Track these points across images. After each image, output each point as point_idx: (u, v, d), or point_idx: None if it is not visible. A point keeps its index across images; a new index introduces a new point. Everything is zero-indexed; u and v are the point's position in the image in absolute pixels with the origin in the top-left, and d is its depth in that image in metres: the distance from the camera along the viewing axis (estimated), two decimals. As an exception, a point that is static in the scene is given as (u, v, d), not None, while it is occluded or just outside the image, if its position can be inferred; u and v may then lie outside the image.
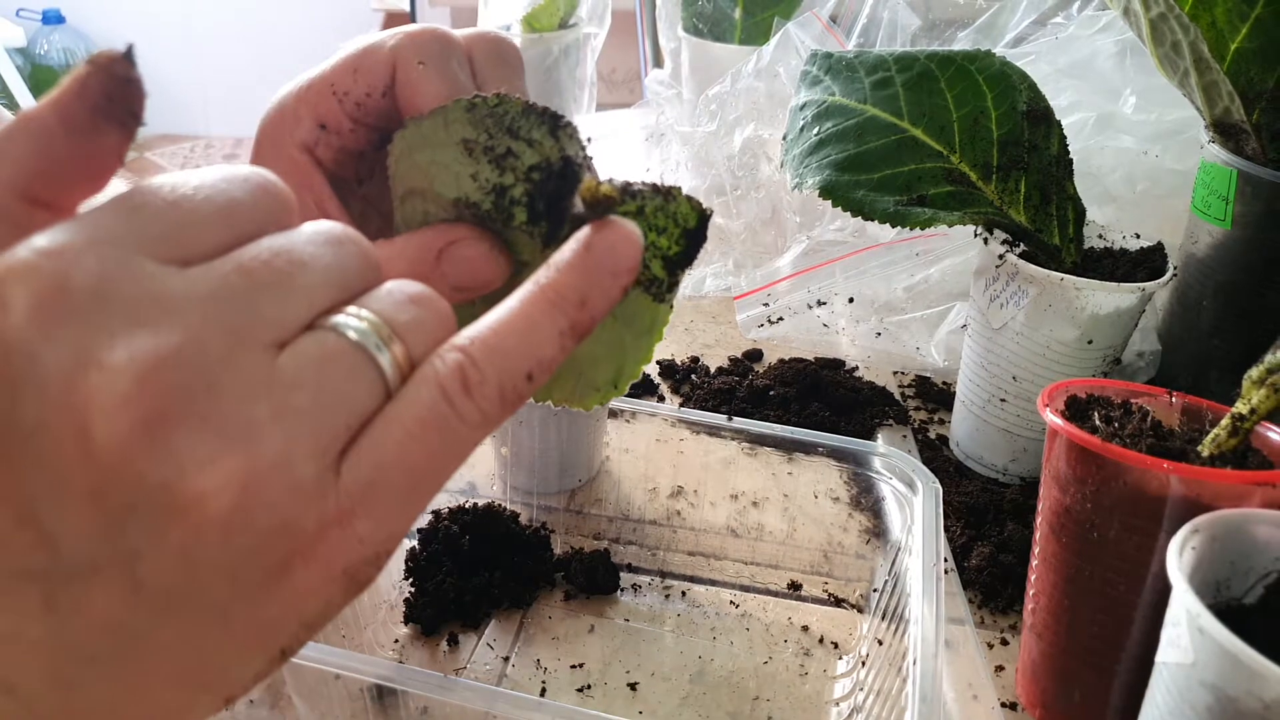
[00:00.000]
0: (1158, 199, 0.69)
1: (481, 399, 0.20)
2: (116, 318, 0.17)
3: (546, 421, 0.56)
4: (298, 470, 0.18)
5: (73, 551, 0.17)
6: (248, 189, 0.20)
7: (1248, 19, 0.51)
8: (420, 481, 0.20)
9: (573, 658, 0.49)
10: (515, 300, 0.21)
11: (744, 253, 0.90)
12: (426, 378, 0.20)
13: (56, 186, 0.19)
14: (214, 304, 0.18)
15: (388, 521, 0.19)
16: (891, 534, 0.51)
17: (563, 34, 1.23)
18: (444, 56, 0.29)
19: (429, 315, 0.21)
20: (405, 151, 0.27)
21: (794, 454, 0.52)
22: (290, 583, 0.19)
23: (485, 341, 0.20)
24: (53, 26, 2.84)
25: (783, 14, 1.03)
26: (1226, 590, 0.34)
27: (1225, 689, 0.29)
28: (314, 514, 0.18)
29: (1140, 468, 0.37)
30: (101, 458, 0.17)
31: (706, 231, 0.26)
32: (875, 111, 0.58)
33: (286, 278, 0.19)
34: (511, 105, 0.26)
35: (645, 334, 0.28)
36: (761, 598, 0.54)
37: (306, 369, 0.19)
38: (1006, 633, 0.51)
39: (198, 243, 0.19)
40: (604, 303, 0.22)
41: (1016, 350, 0.58)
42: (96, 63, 0.19)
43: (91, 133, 0.19)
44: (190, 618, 0.18)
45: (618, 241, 0.22)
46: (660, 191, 0.26)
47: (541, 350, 0.21)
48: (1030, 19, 0.84)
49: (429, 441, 0.19)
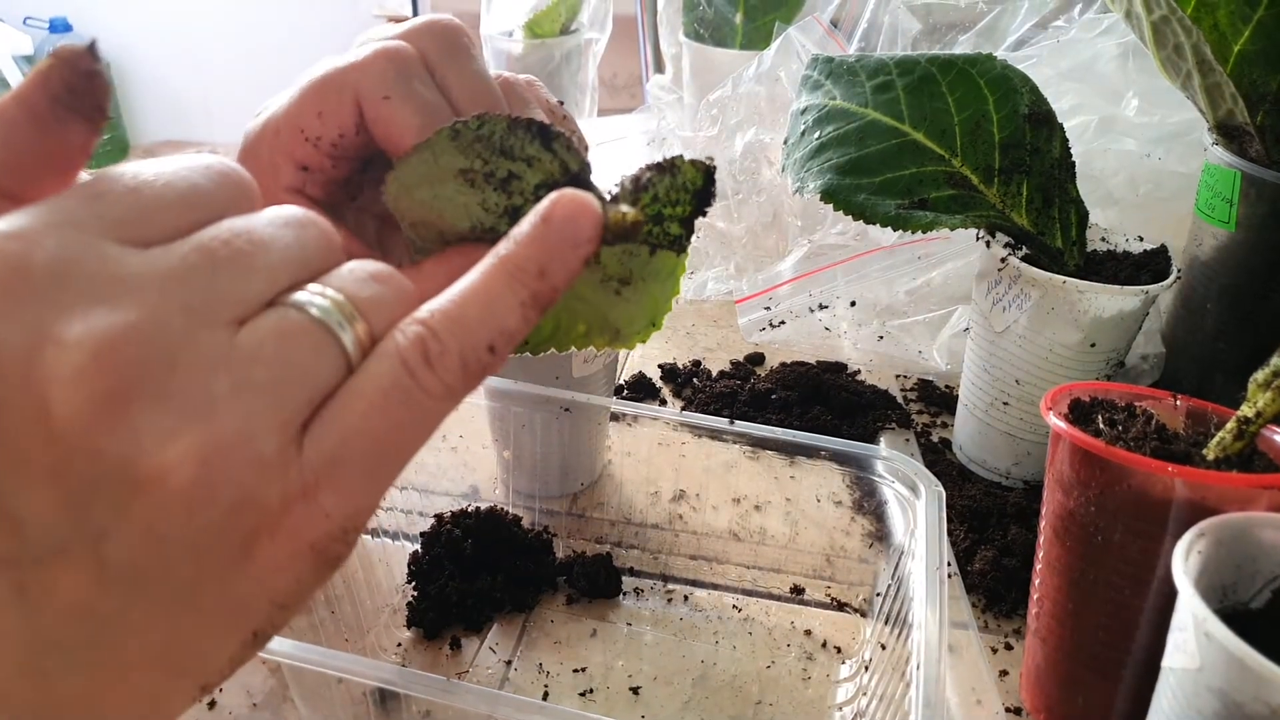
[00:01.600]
0: (1161, 202, 0.68)
1: (443, 370, 0.20)
2: (75, 296, 0.17)
3: (549, 425, 0.56)
4: (258, 444, 0.18)
5: (38, 534, 0.17)
6: (209, 175, 0.20)
7: (1250, 21, 0.51)
8: (384, 454, 0.20)
9: (575, 661, 0.49)
10: (476, 273, 0.21)
11: (745, 256, 0.90)
12: (388, 351, 0.20)
13: (21, 178, 0.19)
14: (173, 282, 0.18)
15: (353, 495, 0.19)
16: (894, 538, 0.51)
17: (564, 39, 1.24)
18: (405, 81, 0.28)
19: (390, 291, 0.21)
20: (402, 191, 0.27)
21: (796, 458, 0.52)
22: (257, 559, 0.19)
23: (446, 313, 0.21)
24: (59, 35, 2.85)
25: (784, 18, 1.03)
26: (1233, 594, 0.34)
27: (1232, 694, 0.28)
28: (276, 488, 0.18)
29: (1145, 471, 0.37)
30: (61, 435, 0.17)
31: (714, 183, 0.26)
32: (876, 115, 0.58)
33: (246, 256, 0.19)
34: (495, 125, 0.26)
35: (670, 277, 0.29)
36: (764, 602, 0.53)
37: (266, 344, 0.19)
38: (1010, 637, 0.51)
39: (159, 225, 0.19)
40: (564, 273, 0.22)
41: (1019, 353, 0.58)
42: (59, 55, 0.19)
43: (54, 125, 0.19)
44: (159, 598, 0.18)
45: (576, 213, 0.22)
46: (665, 169, 0.26)
47: (503, 321, 0.21)
48: (1031, 22, 0.84)
49: (391, 413, 0.20)
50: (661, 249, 0.27)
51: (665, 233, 0.27)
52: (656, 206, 0.26)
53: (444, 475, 0.60)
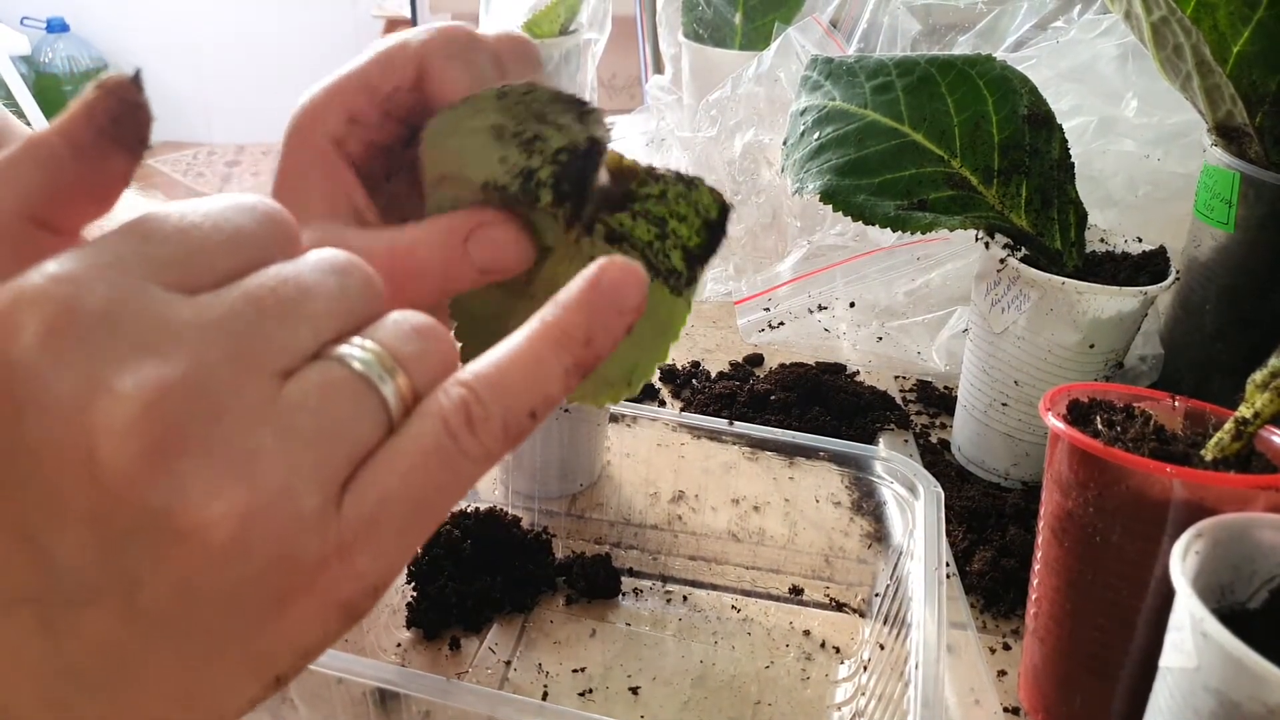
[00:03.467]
0: (1160, 203, 0.68)
1: (485, 434, 0.20)
2: (125, 344, 0.17)
3: (548, 426, 0.56)
4: (300, 502, 0.18)
5: (71, 574, 0.17)
6: (254, 217, 0.20)
7: (1250, 22, 0.51)
8: (421, 516, 0.20)
9: (574, 662, 0.49)
10: (521, 337, 0.21)
11: (744, 257, 0.90)
12: (430, 411, 0.20)
13: (62, 210, 0.20)
14: (221, 332, 0.18)
15: (387, 555, 0.19)
16: (893, 538, 0.51)
17: (563, 40, 1.24)
18: (471, 51, 0.30)
19: (432, 347, 0.21)
20: (437, 137, 0.28)
21: (795, 458, 0.52)
22: (288, 615, 0.19)
23: (490, 378, 0.20)
24: (57, 35, 2.85)
25: (783, 19, 1.03)
26: (1230, 595, 0.34)
27: (1229, 694, 0.29)
28: (314, 546, 0.18)
29: (1143, 472, 0.37)
30: (105, 482, 0.17)
31: (728, 226, 0.26)
32: (876, 116, 0.58)
33: (293, 305, 0.19)
34: (541, 93, 0.27)
35: (661, 331, 0.28)
36: (763, 602, 0.53)
37: (310, 399, 0.19)
38: (1009, 637, 0.51)
39: (206, 270, 0.19)
40: (609, 341, 0.22)
41: (1018, 354, 0.58)
42: (105, 87, 0.19)
43: (98, 157, 0.19)
44: (186, 645, 0.18)
45: (623, 279, 0.22)
46: (683, 179, 0.26)
47: (546, 387, 0.21)
48: (1031, 23, 0.84)
49: (431, 475, 0.19)
50: (658, 277, 0.27)
51: (665, 256, 0.26)
52: (663, 208, 0.26)
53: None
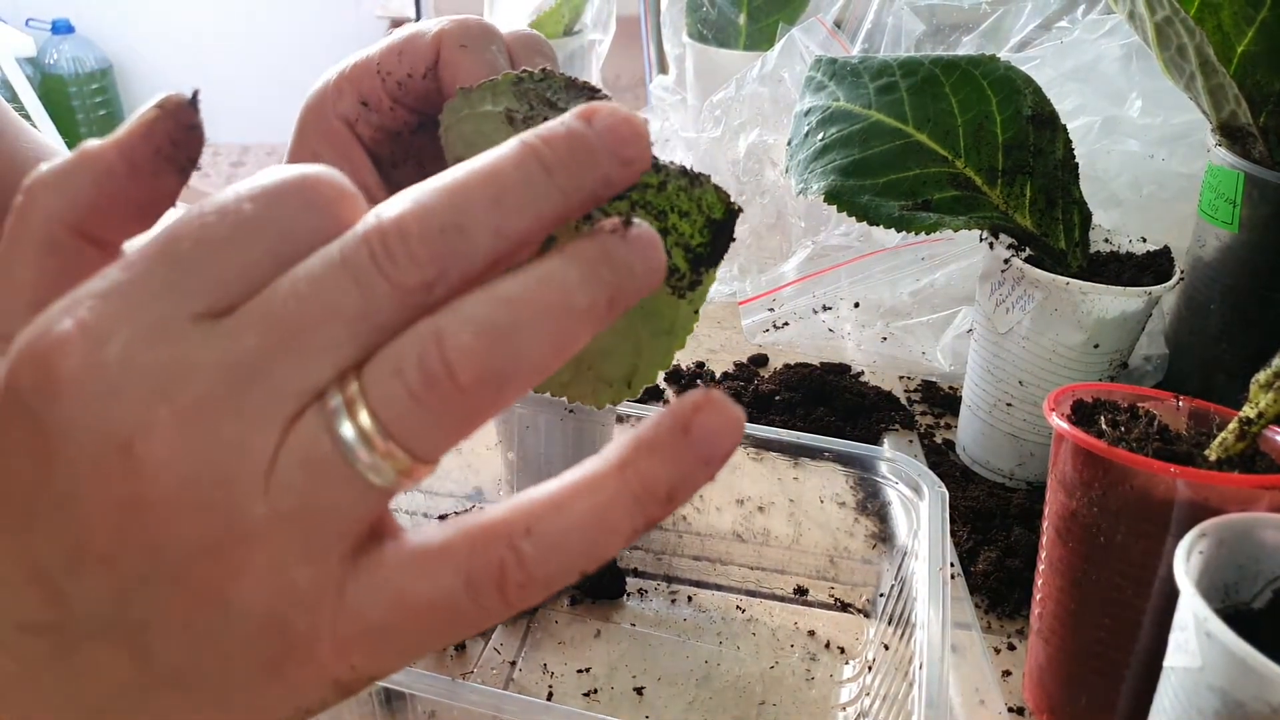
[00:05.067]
0: (1164, 203, 0.68)
1: (516, 598, 0.18)
2: (147, 391, 0.17)
3: (553, 427, 0.56)
4: (290, 573, 0.18)
5: (83, 610, 0.18)
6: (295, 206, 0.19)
7: (1254, 22, 0.51)
8: (423, 646, 0.19)
9: (579, 662, 0.49)
10: (591, 491, 0.18)
11: (749, 258, 0.90)
12: (457, 566, 0.18)
13: (108, 223, 0.20)
14: (232, 375, 0.18)
15: (382, 665, 0.19)
16: (898, 539, 0.51)
17: (567, 40, 1.24)
18: (485, 41, 0.30)
19: (431, 417, 0.18)
20: (453, 121, 0.28)
21: (800, 459, 0.52)
22: (285, 678, 0.19)
23: (546, 539, 0.18)
24: (62, 36, 2.86)
25: (787, 20, 1.03)
26: (1234, 594, 0.34)
27: (1233, 693, 0.29)
28: (306, 619, 0.18)
29: (1147, 472, 0.37)
30: (122, 531, 0.17)
31: (734, 228, 0.24)
32: (880, 117, 0.58)
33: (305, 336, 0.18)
34: (555, 80, 0.27)
35: (664, 334, 0.27)
36: (767, 602, 0.54)
37: (295, 475, 0.18)
38: (1013, 637, 0.51)
39: (232, 287, 0.18)
40: (689, 495, 0.18)
41: (1022, 355, 0.58)
42: (165, 107, 0.19)
43: (151, 176, 0.19)
44: (193, 691, 0.19)
45: (721, 427, 0.18)
46: (687, 174, 0.24)
47: (605, 550, 0.18)
48: (1035, 23, 0.84)
49: (438, 624, 0.19)
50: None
51: (665, 252, 0.26)
52: (663, 200, 0.24)
53: (448, 477, 0.60)
